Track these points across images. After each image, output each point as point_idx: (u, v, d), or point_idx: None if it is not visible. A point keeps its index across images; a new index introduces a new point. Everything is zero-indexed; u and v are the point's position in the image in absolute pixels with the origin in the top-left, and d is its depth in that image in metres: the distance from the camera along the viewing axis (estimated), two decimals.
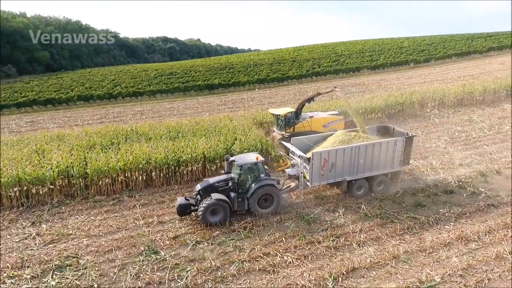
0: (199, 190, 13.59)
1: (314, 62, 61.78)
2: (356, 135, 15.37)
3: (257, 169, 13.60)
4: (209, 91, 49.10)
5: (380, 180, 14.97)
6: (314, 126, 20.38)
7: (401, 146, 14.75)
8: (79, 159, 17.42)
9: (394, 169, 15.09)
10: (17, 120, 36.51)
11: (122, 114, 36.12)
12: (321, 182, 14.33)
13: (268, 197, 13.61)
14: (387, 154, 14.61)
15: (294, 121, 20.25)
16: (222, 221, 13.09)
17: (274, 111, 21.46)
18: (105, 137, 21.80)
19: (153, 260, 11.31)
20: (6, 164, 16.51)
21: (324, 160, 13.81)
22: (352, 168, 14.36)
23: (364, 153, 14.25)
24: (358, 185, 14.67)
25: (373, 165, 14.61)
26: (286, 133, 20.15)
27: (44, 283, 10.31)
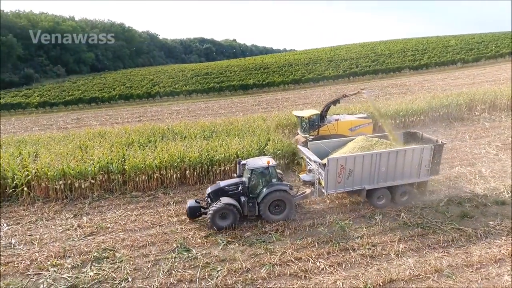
0: (209, 193, 13.50)
1: (352, 62, 60.10)
2: (378, 141, 14.38)
3: (269, 174, 13.23)
4: (243, 91, 49.40)
5: (404, 191, 13.92)
6: (340, 129, 19.60)
7: (428, 154, 13.61)
8: (118, 155, 18.11)
9: (421, 179, 14.00)
10: (64, 117, 38.89)
11: (159, 113, 37.29)
12: (338, 190, 13.60)
13: (280, 203, 13.14)
14: (412, 162, 13.56)
15: (318, 124, 19.64)
16: (231, 225, 12.84)
17: (298, 113, 20.89)
18: (143, 135, 22.55)
19: (184, 257, 11.42)
20: (53, 159, 17.55)
21: (341, 167, 13.08)
22: (372, 177, 13.45)
23: (386, 161, 13.29)
24: (379, 194, 13.78)
25: (396, 174, 13.61)
26: (310, 136, 19.54)
27: (83, 273, 10.74)
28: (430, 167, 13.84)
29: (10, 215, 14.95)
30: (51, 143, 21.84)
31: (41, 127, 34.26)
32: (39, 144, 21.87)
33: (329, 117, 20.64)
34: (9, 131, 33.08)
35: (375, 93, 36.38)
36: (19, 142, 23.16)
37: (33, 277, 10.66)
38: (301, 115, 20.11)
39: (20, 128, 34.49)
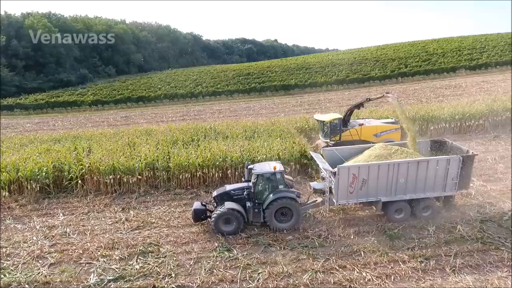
0: (215, 197, 13.26)
1: (400, 62, 57.33)
2: (398, 150, 13.27)
3: (276, 180, 12.72)
4: (285, 92, 49.16)
5: (426, 205, 12.74)
6: (364, 135, 18.59)
7: (456, 166, 12.27)
8: (163, 153, 18.69)
9: (446, 193, 12.73)
10: (114, 115, 41.21)
11: (202, 113, 38.18)
12: (350, 200, 12.75)
13: (287, 211, 12.57)
14: (436, 174, 12.33)
15: (340, 129, 18.86)
16: (235, 231, 12.50)
17: (318, 117, 20.18)
18: (186, 133, 23.13)
19: (226, 257, 11.42)
20: (105, 154, 18.53)
21: (353, 176, 12.17)
22: (389, 188, 12.41)
23: (405, 172, 12.21)
24: (396, 207, 12.70)
25: (417, 186, 12.46)
26: (331, 141, 18.79)
27: (130, 265, 11.13)
28: (458, 181, 12.47)
29: (66, 206, 16.00)
30: (102, 139, 23.14)
31: (94, 123, 36.60)
32: (92, 140, 23.28)
33: (353, 121, 19.78)
34: (66, 127, 35.73)
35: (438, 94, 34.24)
36: (74, 138, 24.85)
37: (85, 265, 11.25)
38: (322, 119, 19.42)
39: (75, 124, 37.09)
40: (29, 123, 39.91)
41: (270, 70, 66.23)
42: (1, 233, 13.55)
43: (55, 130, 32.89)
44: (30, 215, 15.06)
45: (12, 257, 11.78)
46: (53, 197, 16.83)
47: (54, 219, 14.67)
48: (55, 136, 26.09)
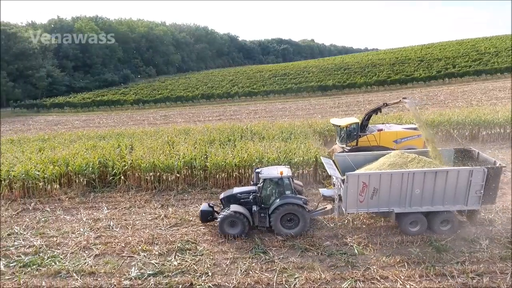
0: (221, 199, 13.20)
1: (447, 62, 54.25)
2: (415, 158, 12.50)
3: (283, 185, 12.47)
4: (322, 93, 48.34)
5: (445, 218, 11.85)
6: (383, 141, 17.66)
7: (480, 178, 11.24)
8: (201, 152, 19.03)
9: (468, 206, 11.69)
10: (154, 114, 42.74)
11: (237, 113, 38.52)
12: (360, 210, 12.14)
13: (293, 217, 12.26)
14: (457, 186, 11.40)
15: (358, 134, 18.12)
16: (240, 235, 12.36)
17: (335, 121, 19.35)
18: (223, 133, 23.41)
19: (262, 259, 11.34)
20: (146, 152, 19.22)
21: (363, 185, 11.54)
22: (403, 199, 11.65)
23: (421, 182, 11.39)
24: (411, 219, 11.93)
25: (435, 198, 11.59)
26: (347, 146, 18.15)
27: (168, 261, 11.39)
28: (483, 194, 11.42)
29: (109, 200, 16.78)
30: (143, 137, 24.06)
31: (135, 122, 38.21)
32: (134, 138, 24.28)
33: (372, 126, 19.01)
34: (110, 124, 37.62)
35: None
36: (118, 135, 26.08)
37: (127, 259, 11.67)
38: (338, 124, 18.75)
39: (119, 122, 38.94)
40: (77, 120, 42.53)
41: (307, 70, 65.48)
42: (52, 223, 14.48)
43: (100, 128, 34.74)
44: (78, 207, 15.96)
45: (62, 246, 12.53)
46: (98, 191, 17.74)
47: (99, 212, 15.43)
48: (101, 133, 27.59)
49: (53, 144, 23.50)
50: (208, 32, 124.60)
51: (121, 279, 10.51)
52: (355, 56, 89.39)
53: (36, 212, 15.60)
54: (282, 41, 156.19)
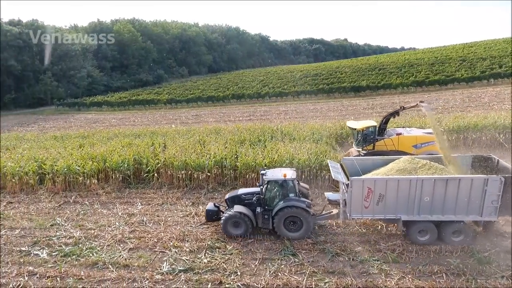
0: (226, 199, 13.29)
1: (493, 61, 50.96)
2: (425, 165, 11.97)
3: (286, 187, 12.36)
4: (355, 94, 47.18)
5: (457, 229, 11.24)
6: (401, 145, 17.01)
7: (496, 188, 10.55)
8: (231, 152, 19.20)
9: (483, 217, 11.01)
10: (186, 114, 43.70)
11: (268, 113, 38.48)
12: (365, 215, 11.75)
13: (296, 220, 12.14)
14: (470, 195, 10.78)
15: (375, 138, 17.60)
16: (243, 235, 12.44)
17: (351, 124, 18.82)
18: (253, 134, 23.48)
19: (291, 261, 11.24)
20: (178, 150, 19.70)
21: (368, 190, 11.22)
22: (411, 206, 11.17)
23: (430, 189, 10.90)
24: (420, 228, 11.44)
25: (446, 207, 11.03)
26: (363, 150, 17.63)
27: (198, 258, 11.59)
28: (500, 205, 10.67)
29: (143, 196, 17.35)
30: (176, 136, 24.69)
31: (168, 121, 39.26)
32: (167, 136, 24.97)
33: (391, 130, 18.44)
34: (144, 123, 38.92)
35: (492, 101, 29.97)
36: (152, 133, 26.94)
37: (159, 254, 12.01)
38: (354, 127, 18.29)
39: (152, 121, 40.21)
40: (114, 118, 44.43)
41: (339, 70, 64.24)
42: (91, 216, 15.21)
43: (135, 126, 36.06)
44: (114, 202, 16.65)
45: (99, 239, 13.12)
46: (133, 187, 18.41)
47: (133, 207, 16.00)
48: (136, 131, 28.64)
49: (92, 141, 24.73)
50: (239, 33, 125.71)
51: (153, 273, 10.83)
52: (390, 55, 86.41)
53: (76, 205, 16.46)
54: (314, 41, 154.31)
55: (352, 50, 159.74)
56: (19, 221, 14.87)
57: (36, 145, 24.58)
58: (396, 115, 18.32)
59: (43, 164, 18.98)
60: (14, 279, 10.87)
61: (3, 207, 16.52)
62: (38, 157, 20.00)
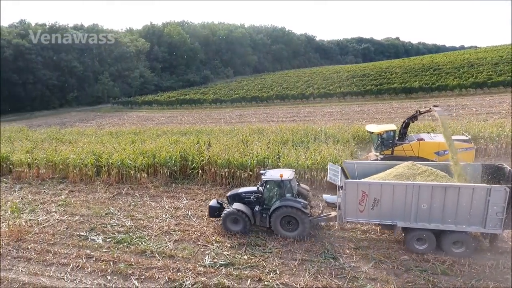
0: (227, 197, 13.87)
1: None
2: (426, 171, 11.77)
3: (283, 187, 12.62)
4: (406, 95, 44.87)
5: (458, 240, 10.84)
6: (422, 151, 16.35)
7: (501, 198, 10.03)
8: (273, 152, 19.30)
9: (487, 229, 10.47)
10: (230, 113, 44.64)
11: (311, 114, 38.01)
12: (360, 219, 11.73)
13: (292, 220, 12.39)
14: (472, 205, 10.34)
15: (394, 142, 17.07)
16: (242, 231, 12.88)
17: (370, 128, 18.32)
18: (296, 134, 23.37)
19: (331, 264, 11.07)
20: (222, 149, 20.25)
21: (362, 193, 11.18)
22: (408, 213, 10.96)
23: (428, 197, 10.63)
24: (417, 236, 11.16)
25: (445, 216, 10.67)
26: (381, 154, 17.15)
27: (239, 254, 11.85)
28: (505, 217, 10.12)
29: (188, 191, 18.09)
30: (220, 135, 25.36)
31: (213, 120, 40.43)
32: (211, 135, 25.75)
33: (414, 135, 17.98)
34: (191, 122, 40.48)
35: None
36: (197, 132, 27.95)
37: (202, 247, 12.48)
38: (372, 130, 17.87)
39: (198, 120, 41.66)
40: (163, 116, 46.74)
41: (389, 71, 61.57)
42: (140, 208, 16.20)
43: (182, 124, 37.63)
44: (161, 195, 17.57)
45: (147, 229, 13.95)
46: (179, 182, 19.27)
47: (179, 201, 16.75)
48: (182, 130, 29.90)
49: (143, 137, 26.27)
50: (285, 33, 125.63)
51: (196, 265, 11.29)
52: (447, 55, 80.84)
53: (128, 197, 17.63)
54: (363, 40, 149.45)
55: (404, 49, 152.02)
56: (78, 209, 16.31)
57: (94, 140, 26.68)
58: (414, 120, 17.87)
59: (100, 157, 20.57)
60: (74, 260, 11.98)
61: (66, 195, 18.20)
62: (96, 151, 21.70)
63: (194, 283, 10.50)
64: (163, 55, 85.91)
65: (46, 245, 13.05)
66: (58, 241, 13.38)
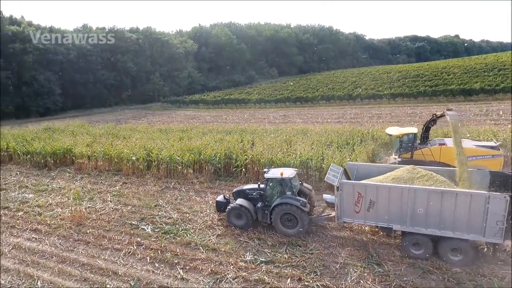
0: (233, 193, 14.56)
1: None
2: (425, 175, 11.61)
3: (284, 185, 13.07)
4: (464, 97, 41.68)
5: (456, 247, 10.57)
6: (444, 156, 15.68)
7: (501, 207, 9.70)
8: (317, 153, 19.07)
9: (487, 238, 10.09)
10: (274, 114, 44.78)
11: (358, 116, 36.85)
12: (356, 220, 11.87)
13: (292, 218, 12.78)
14: (470, 212, 10.09)
15: (413, 146, 16.63)
16: (245, 226, 13.45)
17: (389, 130, 17.97)
18: (341, 136, 22.87)
19: (375, 271, 10.71)
20: (265, 149, 20.44)
21: (358, 195, 11.33)
22: (404, 216, 10.92)
23: (424, 201, 10.54)
24: (414, 241, 11.09)
25: (443, 222, 10.49)
26: (399, 158, 16.79)
27: (279, 253, 11.92)
28: (506, 227, 9.74)
29: (231, 189, 18.29)
30: (263, 135, 25.60)
31: (257, 120, 40.86)
32: (255, 134, 26.07)
33: (437, 139, 17.54)
34: (235, 121, 41.29)
35: None
36: (241, 131, 28.46)
37: (243, 243, 12.72)
38: (391, 133, 17.59)
39: (242, 119, 42.37)
40: (208, 115, 48.22)
41: (446, 71, 57.72)
42: (186, 202, 16.93)
43: (226, 123, 38.54)
44: (206, 191, 18.19)
45: (192, 222, 14.55)
46: (222, 180, 19.80)
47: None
48: (227, 128, 30.64)
49: (190, 135, 27.37)
50: (332, 32, 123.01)
51: (238, 260, 11.57)
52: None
53: (175, 191, 18.50)
54: (417, 39, 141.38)
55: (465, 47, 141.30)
56: (131, 199, 17.47)
57: (145, 136, 28.34)
58: (433, 123, 17.34)
59: (150, 152, 21.81)
60: (126, 246, 12.89)
61: (119, 186, 19.58)
62: (147, 146, 23.05)
63: (235, 277, 10.77)
64: (210, 55, 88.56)
65: (102, 231, 14.18)
66: (112, 228, 14.47)
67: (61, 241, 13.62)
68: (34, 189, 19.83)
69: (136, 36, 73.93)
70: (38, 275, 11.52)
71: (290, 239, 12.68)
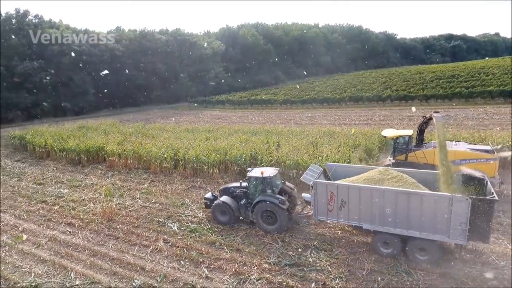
0: (219, 190, 15.22)
1: None
2: (396, 177, 11.90)
3: (265, 184, 13.58)
4: (504, 99, 39.32)
5: (423, 247, 10.95)
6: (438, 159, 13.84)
7: (463, 209, 10.03)
8: (344, 156, 18.70)
9: (451, 239, 10.50)
10: (300, 115, 44.36)
11: (388, 118, 35.77)
12: (330, 219, 12.45)
13: (272, 215, 13.33)
14: (435, 214, 10.42)
15: (407, 148, 16.75)
16: (228, 222, 14.12)
17: (385, 132, 18.32)
18: (370, 139, 22.27)
19: (403, 279, 10.39)
20: (290, 150, 20.28)
21: (331, 194, 11.92)
22: (373, 216, 11.42)
23: (392, 202, 10.98)
24: (383, 240, 11.53)
25: (410, 222, 10.92)
26: (393, 160, 16.88)
27: (304, 256, 11.83)
28: (468, 229, 10.08)
29: None
30: (289, 136, 25.42)
31: (282, 121, 40.64)
32: (281, 136, 25.94)
33: (432, 142, 17.42)
34: (261, 121, 41.27)
35: None
36: (267, 132, 28.41)
37: (267, 245, 12.72)
38: (385, 135, 17.91)
39: (268, 120, 42.29)
40: (234, 116, 48.55)
41: (485, 71, 54.85)
42: None
43: (252, 124, 38.61)
44: None
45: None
46: None
47: None
48: (253, 129, 30.68)
49: (216, 135, 27.68)
50: (361, 32, 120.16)
51: (262, 262, 11.57)
52: None
53: (201, 190, 18.79)
54: (453, 37, 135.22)
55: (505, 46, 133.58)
56: (158, 197, 17.93)
57: (173, 136, 28.98)
58: (425, 126, 17.44)
59: (178, 152, 22.28)
60: (153, 243, 13.26)
61: (148, 184, 20.15)
62: (174, 146, 23.57)
63: (259, 279, 10.78)
64: (236, 56, 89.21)
65: (131, 227, 14.66)
66: (141, 224, 14.93)
67: (93, 235, 14.22)
68: (69, 184, 20.84)
69: (166, 38, 75.86)
70: (71, 267, 12.08)
71: (315, 243, 12.53)
